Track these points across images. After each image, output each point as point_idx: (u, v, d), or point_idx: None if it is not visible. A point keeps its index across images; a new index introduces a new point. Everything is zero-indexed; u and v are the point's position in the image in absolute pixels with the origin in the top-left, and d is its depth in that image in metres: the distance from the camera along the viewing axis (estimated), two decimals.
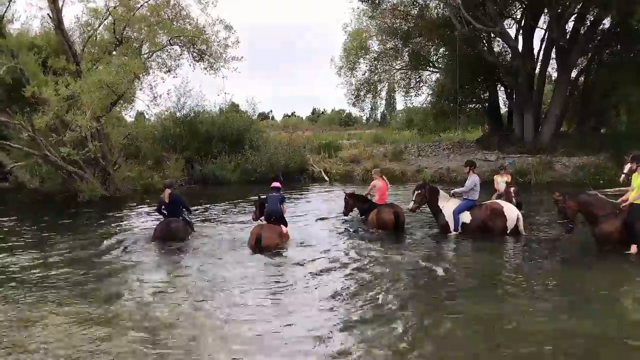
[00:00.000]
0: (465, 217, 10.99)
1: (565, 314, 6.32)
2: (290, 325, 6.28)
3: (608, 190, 11.69)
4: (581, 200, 9.20)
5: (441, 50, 30.78)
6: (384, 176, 13.05)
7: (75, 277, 8.57)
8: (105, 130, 20.15)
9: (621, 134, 25.52)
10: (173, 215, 11.28)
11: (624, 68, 24.82)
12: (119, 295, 7.59)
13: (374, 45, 30.69)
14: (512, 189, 12.39)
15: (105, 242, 11.42)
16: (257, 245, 10.08)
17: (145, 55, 22.87)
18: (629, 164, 11.29)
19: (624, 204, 8.99)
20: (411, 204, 11.25)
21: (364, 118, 69.41)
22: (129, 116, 28.33)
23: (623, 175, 11.85)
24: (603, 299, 6.84)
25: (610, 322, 5.99)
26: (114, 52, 21.50)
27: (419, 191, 11.19)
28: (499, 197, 12.50)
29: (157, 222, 11.70)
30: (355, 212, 13.11)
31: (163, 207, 11.35)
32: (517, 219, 10.80)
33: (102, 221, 14.37)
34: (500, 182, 13.05)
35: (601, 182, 17.07)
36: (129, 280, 8.47)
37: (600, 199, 9.26)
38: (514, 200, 12.09)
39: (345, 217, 13.22)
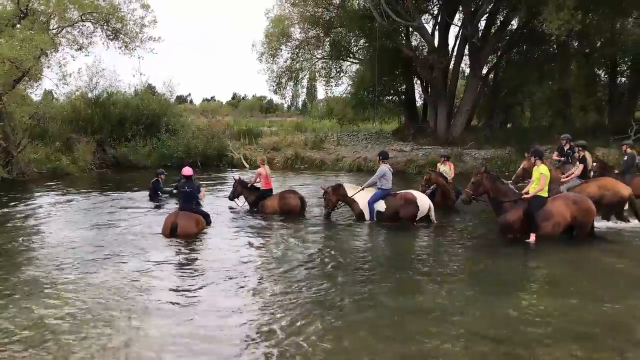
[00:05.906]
0: (380, 205, 11.35)
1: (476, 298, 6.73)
2: (195, 320, 6.18)
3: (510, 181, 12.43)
4: (496, 185, 9.77)
5: (361, 41, 31.26)
6: (267, 165, 13.34)
7: None
8: (8, 108, 18.82)
9: (525, 129, 27.30)
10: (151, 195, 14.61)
11: (529, 68, 26.53)
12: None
13: (296, 33, 30.64)
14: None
15: None
16: (172, 234, 9.87)
17: (54, 31, 21.53)
18: (524, 162, 12.17)
19: (525, 196, 9.63)
20: (325, 210, 11.84)
21: (285, 106, 69.35)
22: (35, 95, 26.59)
23: (514, 176, 12.80)
24: (507, 284, 7.33)
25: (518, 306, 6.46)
26: (18, 25, 20.06)
27: (326, 196, 11.72)
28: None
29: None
30: (242, 199, 13.15)
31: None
32: (429, 208, 11.32)
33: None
34: (442, 170, 13.57)
35: (506, 174, 18.12)
36: (17, 265, 8.09)
37: (510, 189, 9.89)
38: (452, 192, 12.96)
39: (232, 202, 13.32)
